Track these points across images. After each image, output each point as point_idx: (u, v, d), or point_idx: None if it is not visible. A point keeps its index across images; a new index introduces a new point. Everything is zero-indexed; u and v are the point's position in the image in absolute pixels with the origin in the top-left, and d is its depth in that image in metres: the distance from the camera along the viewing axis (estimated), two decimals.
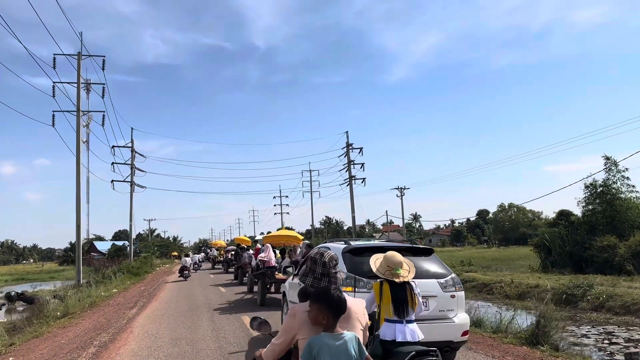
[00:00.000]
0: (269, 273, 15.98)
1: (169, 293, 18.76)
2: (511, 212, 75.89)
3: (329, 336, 2.49)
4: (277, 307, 13.66)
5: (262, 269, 16.26)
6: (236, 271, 26.26)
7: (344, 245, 7.39)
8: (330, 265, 2.86)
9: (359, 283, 6.36)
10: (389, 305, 4.40)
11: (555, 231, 22.75)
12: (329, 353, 2.44)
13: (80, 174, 25.16)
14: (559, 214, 26.94)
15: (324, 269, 2.85)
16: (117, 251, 60.07)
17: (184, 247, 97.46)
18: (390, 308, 4.38)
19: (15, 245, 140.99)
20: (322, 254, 2.95)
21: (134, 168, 45.87)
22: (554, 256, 21.35)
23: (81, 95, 25.90)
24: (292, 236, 18.65)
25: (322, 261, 2.88)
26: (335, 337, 2.49)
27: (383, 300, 4.46)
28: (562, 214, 26.65)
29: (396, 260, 4.56)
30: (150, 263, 37.68)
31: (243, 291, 19.80)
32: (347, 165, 49.36)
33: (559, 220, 25.55)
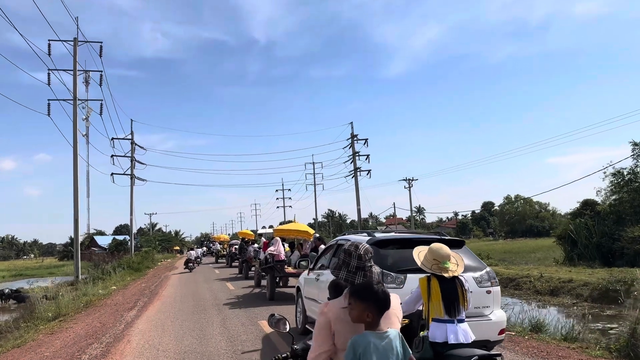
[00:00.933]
0: (278, 267, 15.06)
1: (173, 290, 17.42)
2: (517, 204, 74.78)
3: (374, 334, 2.31)
4: (287, 301, 13.25)
5: (271, 262, 15.29)
6: (241, 265, 25.70)
7: (367, 237, 6.94)
8: (365, 259, 2.63)
9: (386, 278, 5.97)
10: (439, 303, 4.02)
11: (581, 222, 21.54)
12: (375, 353, 2.26)
13: (77, 165, 24.09)
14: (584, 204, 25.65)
15: (359, 262, 2.61)
16: (118, 246, 58.96)
17: (186, 242, 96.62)
18: (440, 306, 4.01)
19: (16, 241, 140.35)
20: (356, 246, 2.69)
21: (134, 161, 44.77)
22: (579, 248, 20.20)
23: (80, 88, 24.73)
24: (303, 230, 17.57)
25: (357, 254, 2.63)
26: (380, 336, 2.32)
27: (432, 297, 4.07)
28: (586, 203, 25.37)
29: (444, 253, 4.18)
30: (151, 258, 36.58)
31: (250, 285, 19.17)
32: (352, 157, 48.18)
33: (584, 211, 24.32)
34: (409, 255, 6.89)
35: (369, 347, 2.25)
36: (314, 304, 8.28)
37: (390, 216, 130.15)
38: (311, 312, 8.50)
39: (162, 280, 21.67)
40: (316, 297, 8.14)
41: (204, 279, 22.29)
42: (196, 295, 15.82)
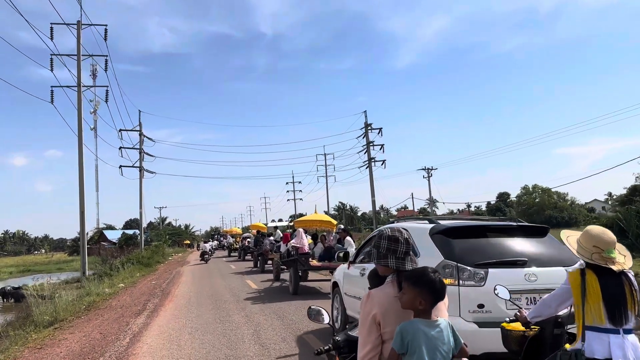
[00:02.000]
0: (302, 260, 13.64)
1: (186, 288, 15.80)
2: (535, 194, 72.54)
3: (424, 322, 2.18)
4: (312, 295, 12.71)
5: (294, 255, 13.94)
6: (256, 258, 24.87)
7: (430, 224, 5.72)
8: (410, 243, 2.41)
9: (462, 274, 4.91)
10: (599, 306, 2.97)
11: (631, 209, 19.77)
12: (425, 341, 2.12)
13: (83, 155, 22.76)
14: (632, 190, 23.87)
15: (407, 247, 2.38)
16: (127, 240, 57.88)
17: (196, 235, 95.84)
18: (601, 310, 2.96)
19: (27, 236, 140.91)
20: (401, 231, 2.44)
21: (143, 153, 43.56)
22: (630, 238, 18.54)
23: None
24: (326, 221, 16.18)
25: (404, 238, 2.39)
26: (430, 325, 2.18)
27: (588, 298, 3.01)
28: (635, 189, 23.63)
29: (608, 238, 3.10)
30: (162, 252, 35.27)
31: (268, 279, 18.19)
32: (365, 147, 46.60)
33: (633, 197, 22.53)
34: (485, 245, 5.48)
35: (418, 334, 2.15)
36: (358, 302, 6.90)
37: (402, 208, 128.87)
38: (353, 311, 7.13)
39: (174, 277, 20.17)
40: (361, 295, 6.74)
41: (219, 274, 20.93)
42: (214, 294, 14.25)
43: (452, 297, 4.79)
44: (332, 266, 14.04)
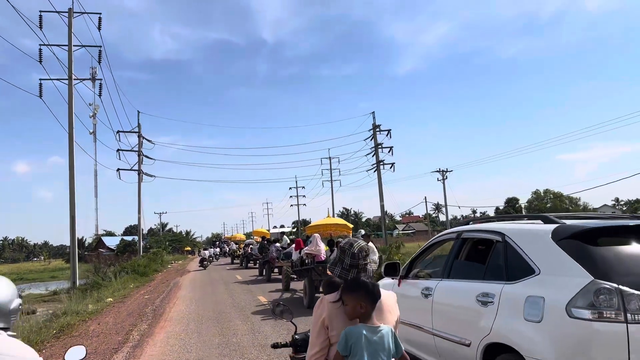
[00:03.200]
0: (319, 269, 11.73)
1: (184, 307, 12.82)
2: (547, 199, 70.38)
3: (367, 327, 2.33)
4: None
5: (309, 264, 12.08)
6: (262, 266, 23.12)
7: (549, 225, 3.85)
8: (360, 257, 2.55)
9: (630, 302, 2.97)
10: None
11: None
12: (366, 345, 2.28)
13: (73, 154, 20.91)
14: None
15: (352, 260, 2.55)
16: (126, 247, 55.86)
17: (197, 242, 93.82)
18: None
19: (26, 243, 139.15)
20: (351, 244, 2.64)
21: (142, 155, 41.75)
22: None
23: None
24: (341, 224, 14.27)
25: (351, 252, 2.57)
26: (373, 330, 2.33)
27: None
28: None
29: None
30: (160, 260, 33.21)
31: (276, 289, 16.55)
32: (373, 149, 44.70)
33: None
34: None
35: (361, 338, 2.29)
36: (419, 333, 4.99)
37: (407, 214, 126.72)
38: (413, 345, 5.20)
39: (172, 289, 17.97)
40: (428, 323, 4.83)
41: (223, 284, 18.86)
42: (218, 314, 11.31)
43: (615, 341, 2.87)
44: None
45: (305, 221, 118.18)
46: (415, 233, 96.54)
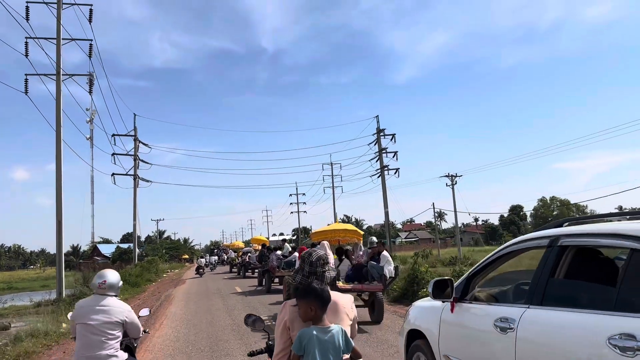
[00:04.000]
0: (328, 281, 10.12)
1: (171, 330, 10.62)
2: (553, 207, 68.69)
3: (318, 329, 2.63)
4: None
5: None
6: (261, 276, 21.66)
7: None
8: (317, 265, 2.93)
9: None
10: None
11: None
12: (317, 345, 2.57)
13: (61, 154, 19.46)
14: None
15: (311, 268, 2.92)
16: (121, 254, 54.22)
17: (196, 250, 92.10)
18: None
19: (22, 250, 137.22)
20: (310, 254, 3.00)
21: (138, 160, 40.31)
22: None
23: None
24: (351, 230, 12.75)
25: (309, 260, 2.96)
26: (324, 330, 2.63)
27: None
28: None
29: None
30: (155, 269, 31.58)
31: (277, 301, 15.09)
32: (376, 154, 43.26)
33: None
34: None
35: (312, 338, 2.58)
36: None
37: (408, 222, 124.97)
38: None
39: (162, 304, 16.18)
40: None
41: (220, 298, 17.18)
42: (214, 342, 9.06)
43: None
44: (364, 289, 10.71)
45: (306, 229, 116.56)
46: (419, 241, 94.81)
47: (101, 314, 4.24)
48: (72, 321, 4.38)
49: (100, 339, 4.19)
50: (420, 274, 13.03)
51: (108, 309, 4.28)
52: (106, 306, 4.29)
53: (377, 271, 10.75)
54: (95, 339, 4.19)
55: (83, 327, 4.24)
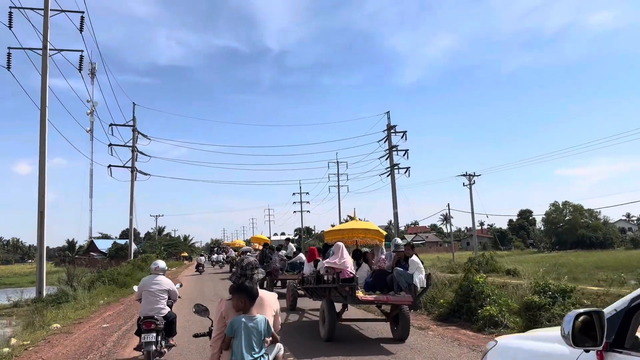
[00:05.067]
0: (345, 290, 8.27)
1: None
2: (565, 212, 66.41)
3: (246, 317, 3.55)
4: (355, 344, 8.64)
5: (329, 281, 8.69)
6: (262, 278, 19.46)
7: None
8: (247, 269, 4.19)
9: None
10: None
11: None
12: (244, 329, 3.50)
13: (45, 136, 17.64)
14: None
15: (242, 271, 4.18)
16: (118, 251, 52.23)
17: (196, 248, 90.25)
18: None
19: (21, 244, 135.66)
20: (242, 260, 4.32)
21: (136, 151, 38.45)
22: None
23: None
24: (372, 230, 10.64)
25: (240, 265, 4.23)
26: (250, 318, 3.55)
27: None
28: None
29: None
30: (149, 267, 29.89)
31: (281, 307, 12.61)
32: (387, 152, 41.26)
33: None
34: None
35: (241, 324, 3.51)
36: None
37: (412, 224, 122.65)
38: None
39: None
40: None
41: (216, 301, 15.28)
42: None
43: None
44: (391, 301, 8.76)
45: (309, 229, 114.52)
46: (426, 244, 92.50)
47: (156, 285, 7.25)
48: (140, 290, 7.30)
49: (156, 299, 7.19)
50: (476, 285, 10.49)
51: (160, 282, 7.30)
52: (158, 280, 7.30)
53: (405, 279, 8.79)
54: (153, 299, 7.18)
55: (146, 293, 7.22)
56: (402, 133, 40.96)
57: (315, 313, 13.03)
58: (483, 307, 9.67)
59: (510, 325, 8.83)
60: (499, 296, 10.02)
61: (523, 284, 10.57)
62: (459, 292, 10.75)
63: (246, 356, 3.45)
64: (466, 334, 9.08)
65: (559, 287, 7.31)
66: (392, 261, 9.53)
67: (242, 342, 3.46)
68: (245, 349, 3.46)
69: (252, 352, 3.48)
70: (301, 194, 70.72)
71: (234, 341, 3.49)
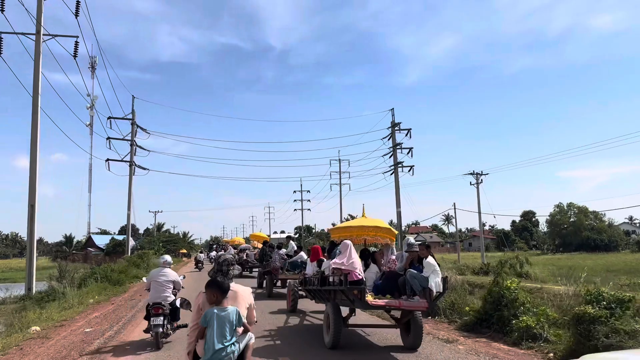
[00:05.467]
0: (353, 294, 7.44)
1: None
2: (570, 214, 65.33)
3: (218, 308, 3.91)
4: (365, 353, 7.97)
5: (335, 283, 7.89)
6: (261, 277, 19.42)
7: None
8: (223, 265, 4.38)
9: None
10: None
11: None
12: (216, 319, 3.85)
13: (37, 123, 16.83)
14: None
15: (218, 267, 4.39)
16: (115, 246, 51.34)
17: (195, 245, 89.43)
18: None
19: (20, 238, 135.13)
20: (219, 256, 4.53)
21: (135, 145, 37.60)
22: None
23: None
24: (383, 229, 9.79)
25: (218, 261, 4.45)
26: (222, 310, 3.91)
27: None
28: None
29: None
30: (145, 264, 28.71)
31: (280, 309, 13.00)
32: (391, 150, 40.42)
33: None
34: None
35: (213, 315, 3.87)
36: None
37: (414, 224, 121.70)
38: None
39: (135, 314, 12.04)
40: None
41: None
42: None
43: None
44: (404, 307, 7.92)
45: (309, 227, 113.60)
46: None
47: (163, 276, 8.63)
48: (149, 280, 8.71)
49: (163, 288, 8.49)
50: (508, 292, 9.21)
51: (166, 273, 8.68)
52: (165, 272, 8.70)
53: (419, 283, 7.97)
54: (160, 288, 8.49)
55: (154, 283, 8.58)
56: (407, 131, 40.14)
57: (318, 316, 12.21)
58: (517, 316, 8.60)
59: (552, 339, 7.81)
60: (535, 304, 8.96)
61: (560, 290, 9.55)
62: (488, 298, 9.53)
63: (217, 344, 3.77)
64: (501, 349, 8.01)
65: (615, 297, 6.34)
66: (405, 262, 8.70)
67: (214, 332, 3.80)
68: (217, 337, 3.79)
69: (223, 340, 3.80)
70: (302, 192, 69.87)
71: (207, 330, 3.83)
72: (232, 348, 3.83)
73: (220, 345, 3.75)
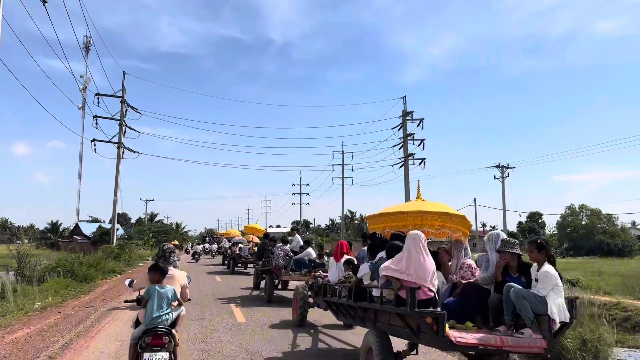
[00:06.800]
0: (427, 322, 4.29)
1: None
2: (582, 216, 62.29)
3: (159, 286, 4.94)
4: None
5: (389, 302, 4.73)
6: (259, 277, 16.17)
7: None
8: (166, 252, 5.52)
9: None
10: None
11: None
12: (157, 294, 4.85)
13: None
14: None
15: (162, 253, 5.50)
16: (103, 235, 48.04)
17: (188, 236, 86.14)
18: None
19: (10, 225, 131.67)
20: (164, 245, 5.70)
21: (124, 126, 34.28)
22: None
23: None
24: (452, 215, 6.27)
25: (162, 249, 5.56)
26: (162, 287, 4.93)
27: None
28: None
29: None
30: (126, 256, 25.28)
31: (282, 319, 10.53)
32: (402, 140, 37.31)
33: None
34: None
35: (154, 292, 4.88)
36: None
37: None
38: None
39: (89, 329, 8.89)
40: None
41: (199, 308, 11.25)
42: None
43: None
44: (508, 347, 4.68)
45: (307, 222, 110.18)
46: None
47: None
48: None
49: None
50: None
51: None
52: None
53: (532, 306, 4.81)
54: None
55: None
56: (419, 121, 37.04)
57: (335, 333, 9.12)
58: None
59: None
60: None
61: None
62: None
63: (155, 312, 4.80)
64: None
65: None
66: (496, 270, 5.54)
67: (154, 303, 4.83)
68: (156, 307, 4.82)
69: (160, 310, 4.83)
70: (301, 185, 66.60)
71: (149, 302, 4.86)
72: (166, 317, 4.88)
73: (158, 314, 4.82)
